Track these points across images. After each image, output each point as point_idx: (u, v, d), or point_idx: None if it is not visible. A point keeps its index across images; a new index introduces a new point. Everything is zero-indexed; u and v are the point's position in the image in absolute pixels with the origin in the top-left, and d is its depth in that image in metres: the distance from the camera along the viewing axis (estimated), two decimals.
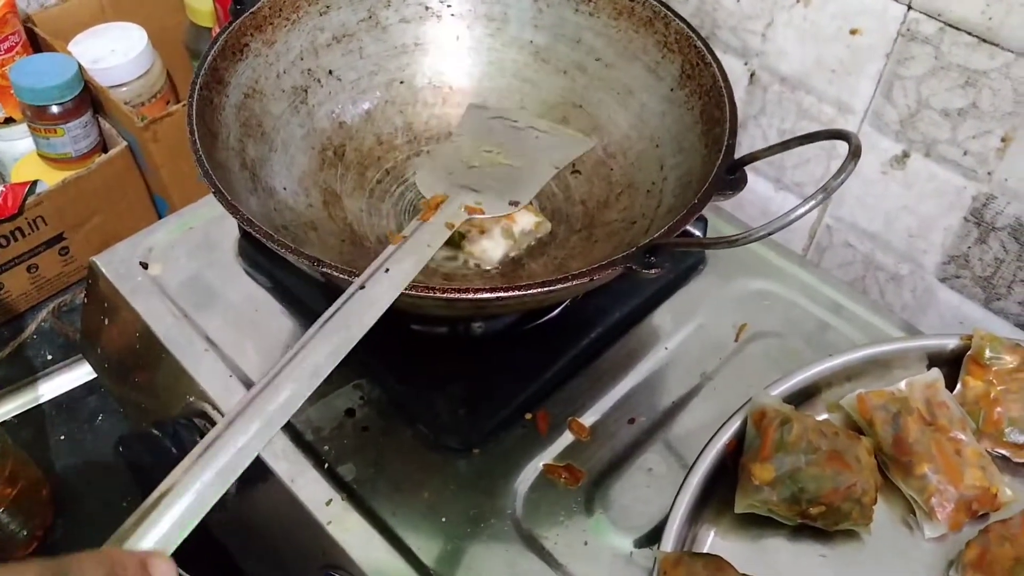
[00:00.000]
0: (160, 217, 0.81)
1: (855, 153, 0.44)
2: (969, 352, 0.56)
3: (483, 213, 0.60)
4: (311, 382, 0.44)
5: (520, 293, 0.48)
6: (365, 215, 0.67)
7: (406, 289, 0.48)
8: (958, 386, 0.56)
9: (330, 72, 0.70)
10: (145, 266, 0.68)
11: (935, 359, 0.58)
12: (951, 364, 0.57)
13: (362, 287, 0.48)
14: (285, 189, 0.64)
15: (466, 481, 0.56)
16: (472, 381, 0.61)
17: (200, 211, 0.73)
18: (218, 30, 0.87)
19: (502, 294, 0.48)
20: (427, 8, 0.72)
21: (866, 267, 0.72)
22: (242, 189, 0.59)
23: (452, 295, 0.48)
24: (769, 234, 0.44)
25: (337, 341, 0.47)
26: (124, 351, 0.69)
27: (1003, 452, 0.54)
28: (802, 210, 0.43)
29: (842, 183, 0.43)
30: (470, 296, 0.48)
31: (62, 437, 0.79)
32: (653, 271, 0.49)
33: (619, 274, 0.50)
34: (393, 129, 0.72)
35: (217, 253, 0.70)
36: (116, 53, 0.85)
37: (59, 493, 0.77)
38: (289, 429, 0.59)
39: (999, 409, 0.53)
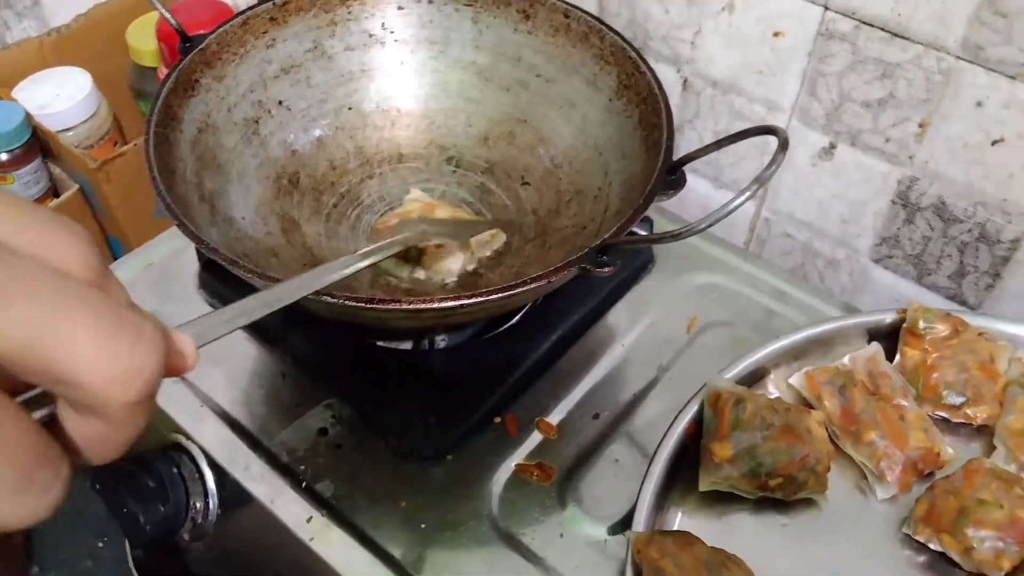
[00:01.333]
0: (116, 258, 0.81)
1: (783, 145, 0.48)
2: (905, 324, 0.59)
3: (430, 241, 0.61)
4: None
5: (482, 299, 0.50)
6: (324, 239, 0.69)
7: (372, 304, 0.50)
8: (897, 357, 0.59)
9: (280, 103, 0.71)
10: None
11: (874, 334, 0.61)
12: (889, 337, 0.61)
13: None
14: (244, 219, 0.65)
15: (441, 487, 0.58)
16: (440, 392, 0.63)
17: (158, 248, 0.74)
18: (163, 70, 0.89)
19: (465, 301, 0.50)
20: (371, 35, 0.74)
21: (805, 255, 0.76)
22: (203, 221, 0.60)
23: (417, 306, 0.50)
24: (710, 225, 0.47)
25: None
26: None
27: (942, 414, 0.57)
28: (738, 201, 0.46)
29: (773, 173, 0.46)
30: (434, 306, 0.50)
31: None
32: (606, 270, 0.52)
33: (574, 275, 0.53)
34: (345, 154, 0.74)
35: (178, 287, 0.71)
36: (61, 98, 0.86)
37: (33, 538, 0.77)
38: (265, 453, 0.60)
39: (936, 375, 0.57)
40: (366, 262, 0.49)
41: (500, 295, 0.51)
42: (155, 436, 0.64)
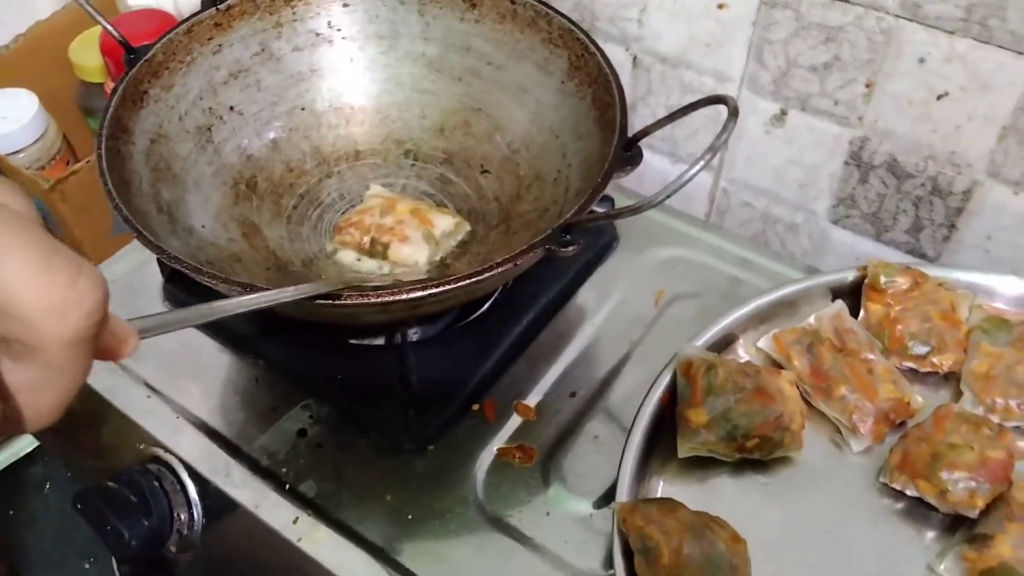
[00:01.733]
0: None
1: (733, 113, 0.49)
2: (866, 281, 0.61)
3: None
4: None
5: (451, 287, 0.50)
6: (286, 241, 0.69)
7: (342, 300, 0.50)
8: (861, 313, 0.61)
9: (231, 108, 0.71)
10: None
11: (837, 292, 0.62)
12: (852, 295, 0.62)
13: None
14: (204, 227, 0.65)
15: (426, 478, 0.58)
16: (416, 384, 0.63)
17: (118, 264, 0.73)
18: (110, 84, 0.88)
19: (434, 290, 0.50)
20: (318, 35, 0.74)
21: (764, 221, 0.77)
22: (163, 232, 0.60)
23: (387, 298, 0.50)
24: (667, 197, 0.48)
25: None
26: (64, 415, 0.68)
27: (910, 365, 0.59)
28: (693, 171, 0.47)
29: (725, 141, 0.47)
30: (404, 297, 0.50)
31: (12, 512, 0.78)
32: (570, 249, 0.52)
33: (541, 257, 0.53)
34: (301, 155, 0.74)
35: (143, 302, 0.71)
36: (8, 120, 0.84)
37: (18, 567, 0.75)
38: (245, 459, 0.60)
39: (900, 327, 0.58)
40: (300, 295, 0.48)
41: (468, 281, 0.51)
42: (133, 451, 0.63)
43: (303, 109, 0.75)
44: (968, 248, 0.67)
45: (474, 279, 0.51)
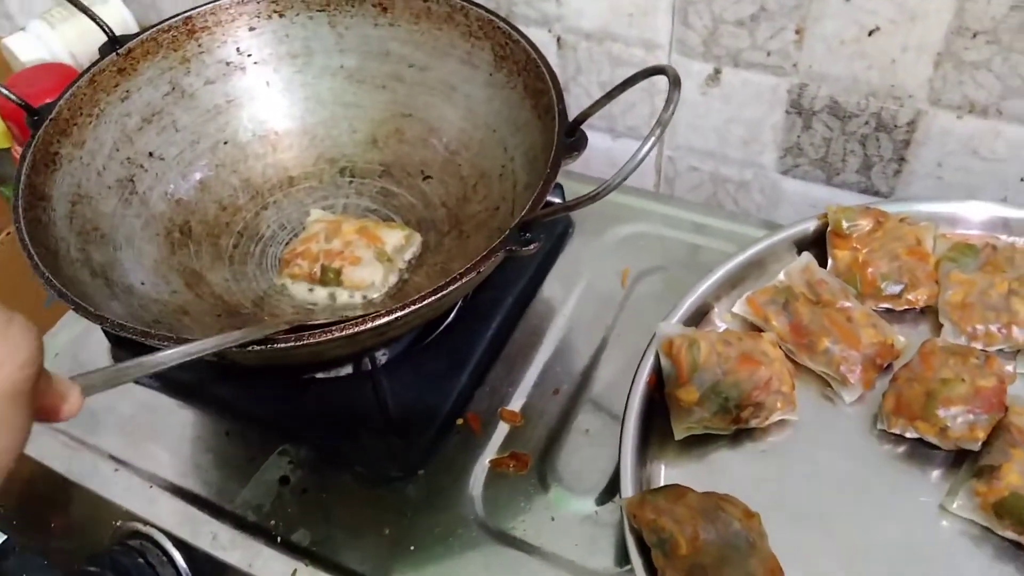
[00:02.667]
0: None
1: (675, 83, 0.47)
2: (829, 228, 0.60)
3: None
4: None
5: (417, 307, 0.48)
6: (232, 283, 0.66)
7: (304, 341, 0.48)
8: (829, 261, 0.60)
9: (150, 154, 0.67)
10: None
11: (801, 244, 0.62)
12: (816, 244, 0.61)
13: None
14: (143, 284, 0.62)
15: (421, 504, 0.56)
16: (394, 408, 0.61)
17: (59, 336, 0.70)
18: (17, 148, 0.83)
19: (399, 313, 0.48)
20: (228, 63, 0.71)
21: (714, 183, 0.76)
22: (101, 297, 0.56)
23: (352, 331, 0.48)
24: (623, 180, 0.46)
25: None
26: (29, 501, 0.65)
27: (886, 305, 0.58)
28: (645, 149, 0.45)
29: (673, 113, 0.46)
30: (370, 325, 0.48)
31: None
32: (532, 246, 0.51)
33: (502, 259, 0.51)
34: (232, 191, 0.71)
35: None
36: None
37: None
38: (229, 517, 0.57)
39: (870, 269, 0.58)
40: (246, 339, 0.47)
41: (434, 297, 0.49)
42: (109, 529, 0.60)
43: (226, 143, 0.71)
44: (920, 179, 0.66)
45: (440, 295, 0.49)
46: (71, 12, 0.83)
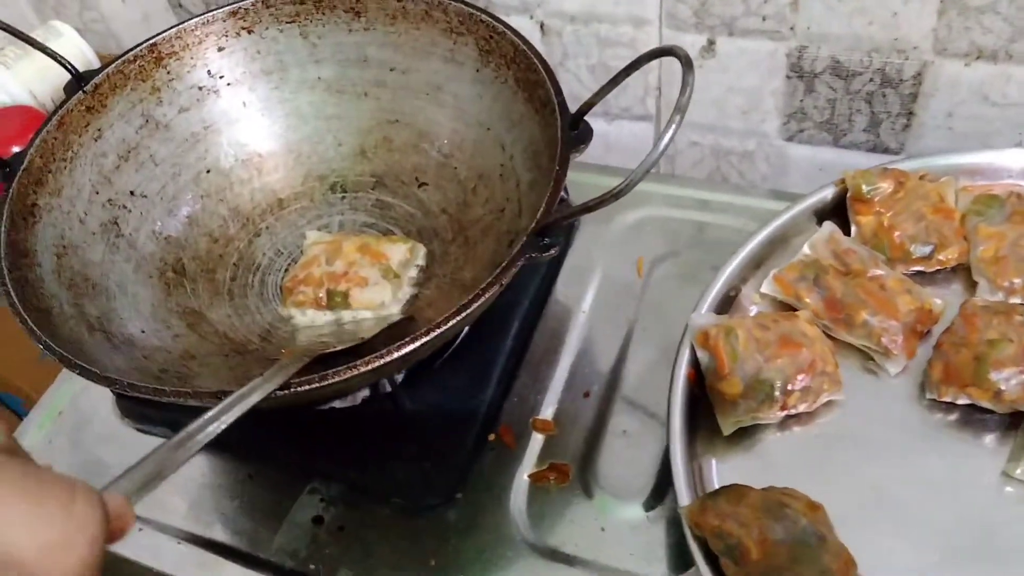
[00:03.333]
0: (20, 416, 0.73)
1: (687, 64, 0.45)
2: (849, 195, 0.58)
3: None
4: None
5: (442, 330, 0.46)
6: (235, 319, 0.63)
7: (328, 380, 0.45)
8: (852, 229, 0.58)
9: (131, 193, 0.64)
10: None
11: (821, 214, 0.60)
12: (837, 212, 0.59)
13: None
14: (144, 332, 0.59)
15: (463, 528, 0.54)
16: (420, 431, 0.59)
17: (61, 391, 0.66)
18: None
19: (425, 339, 0.46)
20: (200, 88, 0.67)
21: (716, 157, 0.74)
22: (102, 353, 0.53)
23: (376, 364, 0.45)
24: (647, 172, 0.44)
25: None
26: None
27: (917, 268, 0.56)
28: (667, 137, 0.43)
29: (690, 98, 0.43)
30: (395, 355, 0.45)
31: None
32: (552, 251, 0.48)
33: (522, 266, 0.49)
34: (221, 221, 0.67)
35: (99, 426, 0.64)
36: None
37: None
38: (266, 567, 0.54)
39: (898, 233, 0.56)
40: (271, 386, 0.44)
41: (457, 318, 0.46)
42: None
43: (208, 171, 0.68)
44: (931, 131, 0.64)
45: (462, 314, 0.46)
46: (25, 50, 0.79)
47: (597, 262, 0.66)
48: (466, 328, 0.62)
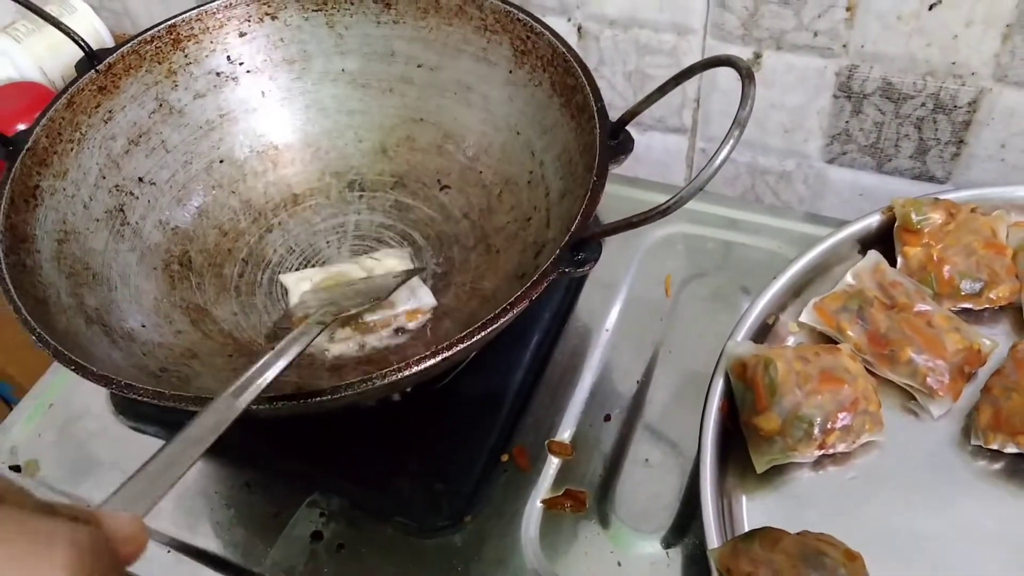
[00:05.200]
0: (9, 405, 0.70)
1: (748, 76, 0.42)
2: (897, 224, 0.55)
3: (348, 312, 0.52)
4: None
5: (465, 344, 0.43)
6: (241, 317, 0.60)
7: (344, 392, 0.42)
8: (899, 260, 0.55)
9: (140, 179, 0.61)
10: (18, 469, 0.58)
11: (865, 242, 0.57)
12: (882, 241, 0.56)
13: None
14: (144, 326, 0.56)
15: (470, 553, 0.51)
16: (428, 448, 0.56)
17: (53, 382, 0.63)
18: None
19: (446, 354, 0.43)
20: (218, 74, 0.64)
21: (752, 175, 0.71)
22: (99, 348, 0.50)
23: (394, 377, 0.42)
24: (700, 189, 0.41)
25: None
26: None
27: (965, 305, 0.53)
28: (725, 152, 0.40)
29: (750, 112, 0.40)
30: (414, 370, 0.42)
31: None
32: (587, 267, 0.45)
33: (553, 280, 0.46)
34: (232, 214, 0.64)
35: (91, 422, 0.61)
36: None
37: None
38: None
39: (947, 267, 0.53)
40: (283, 361, 0.41)
41: (482, 333, 0.43)
42: None
43: (222, 161, 0.65)
44: (980, 162, 0.61)
45: (489, 329, 0.43)
46: (38, 25, 0.76)
47: (622, 279, 0.63)
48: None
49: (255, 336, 0.58)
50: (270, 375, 0.39)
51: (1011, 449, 0.47)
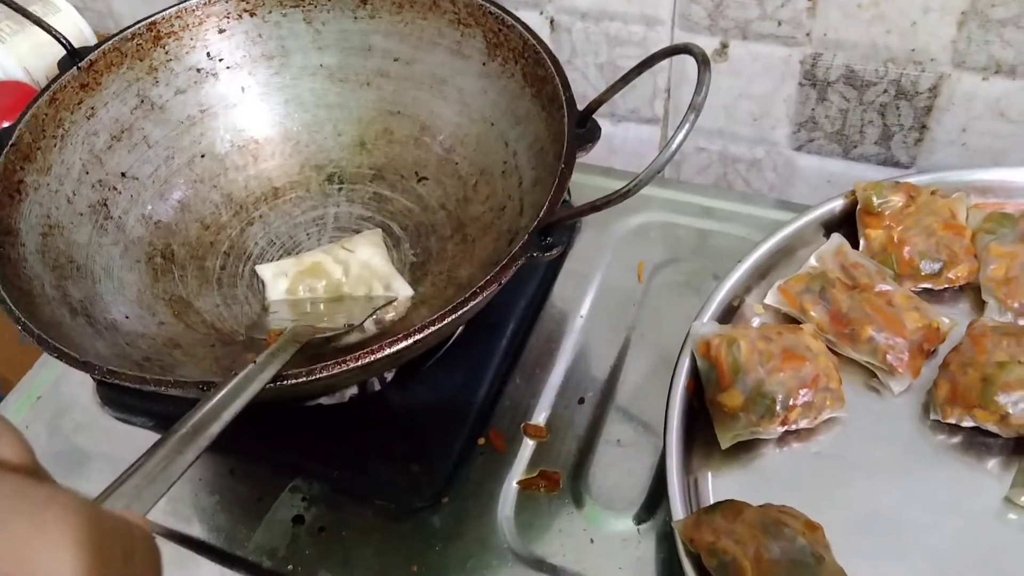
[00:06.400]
0: None
1: (704, 62, 0.43)
2: (859, 207, 0.57)
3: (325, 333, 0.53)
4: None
5: (437, 327, 0.44)
6: (223, 309, 0.61)
7: (318, 374, 0.43)
8: (861, 242, 0.57)
9: (123, 174, 0.62)
10: None
11: (829, 225, 0.58)
12: (845, 224, 0.58)
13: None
14: (128, 317, 0.57)
15: (448, 533, 0.52)
16: (408, 431, 0.57)
17: (41, 376, 0.64)
18: None
19: (418, 336, 0.44)
20: (199, 70, 0.65)
21: (724, 163, 0.72)
22: (83, 338, 0.52)
23: (368, 359, 0.43)
24: (658, 171, 0.42)
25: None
26: None
27: (925, 285, 0.55)
28: (680, 136, 0.41)
29: (705, 97, 0.42)
30: (387, 351, 0.43)
31: None
32: (555, 250, 0.47)
33: (521, 266, 0.47)
34: (214, 208, 0.66)
35: (78, 414, 0.62)
36: None
37: None
38: (243, 566, 0.53)
39: (907, 248, 0.54)
40: (256, 386, 0.42)
41: (454, 316, 0.45)
42: None
43: (203, 156, 0.66)
44: (943, 146, 0.63)
45: (460, 312, 0.45)
46: (21, 25, 0.77)
47: (597, 266, 0.65)
48: (460, 328, 0.60)
49: (237, 327, 0.60)
50: (255, 387, 0.42)
51: (968, 423, 0.49)
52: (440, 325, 0.44)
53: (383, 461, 0.55)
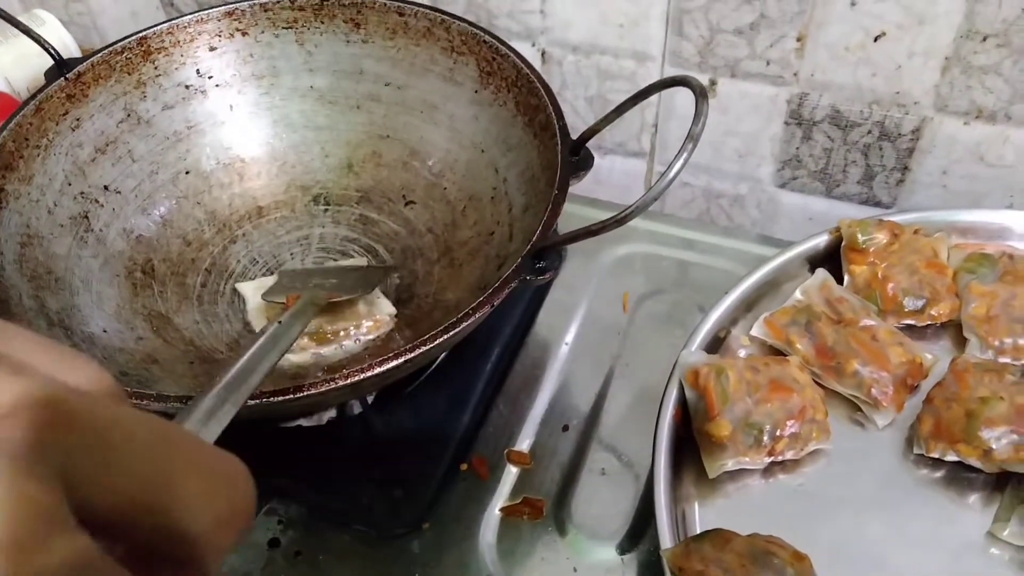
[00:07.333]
0: None
1: (702, 94, 0.44)
2: (844, 243, 0.57)
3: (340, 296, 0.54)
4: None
5: (427, 348, 0.44)
6: (203, 326, 0.60)
7: (303, 392, 0.43)
8: (845, 277, 0.57)
9: (106, 188, 0.61)
10: None
11: (814, 261, 0.59)
12: (830, 260, 0.59)
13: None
14: (106, 331, 0.56)
15: (428, 560, 0.51)
16: (388, 455, 0.56)
17: None
18: None
19: (409, 356, 0.43)
20: (187, 87, 0.65)
21: (707, 199, 0.73)
22: None
23: (356, 378, 0.43)
24: (654, 199, 0.43)
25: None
26: None
27: (908, 322, 0.55)
28: (677, 166, 0.42)
29: (703, 129, 0.42)
30: (376, 371, 0.43)
31: None
32: (547, 275, 0.47)
33: (512, 289, 0.47)
34: (197, 224, 0.65)
35: None
36: None
37: None
38: None
39: (891, 285, 0.55)
40: (284, 344, 0.42)
41: (446, 336, 0.44)
42: None
43: (188, 173, 0.66)
44: (924, 187, 0.64)
45: (451, 333, 0.44)
46: (5, 35, 0.76)
47: (582, 295, 0.65)
48: (443, 352, 0.60)
49: (216, 344, 0.59)
50: (283, 344, 0.42)
51: (951, 457, 0.49)
52: (432, 344, 0.44)
53: (363, 484, 0.54)
